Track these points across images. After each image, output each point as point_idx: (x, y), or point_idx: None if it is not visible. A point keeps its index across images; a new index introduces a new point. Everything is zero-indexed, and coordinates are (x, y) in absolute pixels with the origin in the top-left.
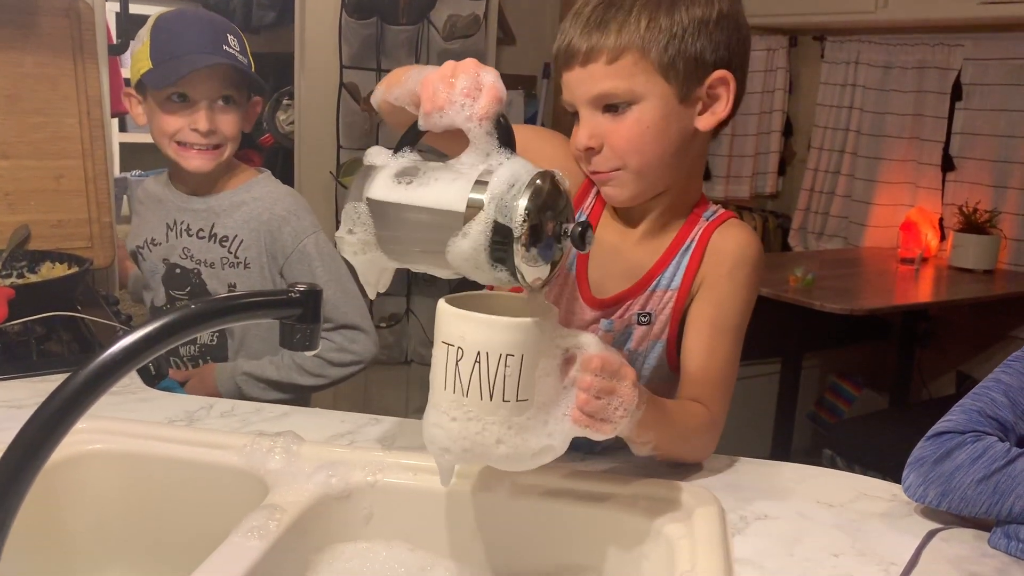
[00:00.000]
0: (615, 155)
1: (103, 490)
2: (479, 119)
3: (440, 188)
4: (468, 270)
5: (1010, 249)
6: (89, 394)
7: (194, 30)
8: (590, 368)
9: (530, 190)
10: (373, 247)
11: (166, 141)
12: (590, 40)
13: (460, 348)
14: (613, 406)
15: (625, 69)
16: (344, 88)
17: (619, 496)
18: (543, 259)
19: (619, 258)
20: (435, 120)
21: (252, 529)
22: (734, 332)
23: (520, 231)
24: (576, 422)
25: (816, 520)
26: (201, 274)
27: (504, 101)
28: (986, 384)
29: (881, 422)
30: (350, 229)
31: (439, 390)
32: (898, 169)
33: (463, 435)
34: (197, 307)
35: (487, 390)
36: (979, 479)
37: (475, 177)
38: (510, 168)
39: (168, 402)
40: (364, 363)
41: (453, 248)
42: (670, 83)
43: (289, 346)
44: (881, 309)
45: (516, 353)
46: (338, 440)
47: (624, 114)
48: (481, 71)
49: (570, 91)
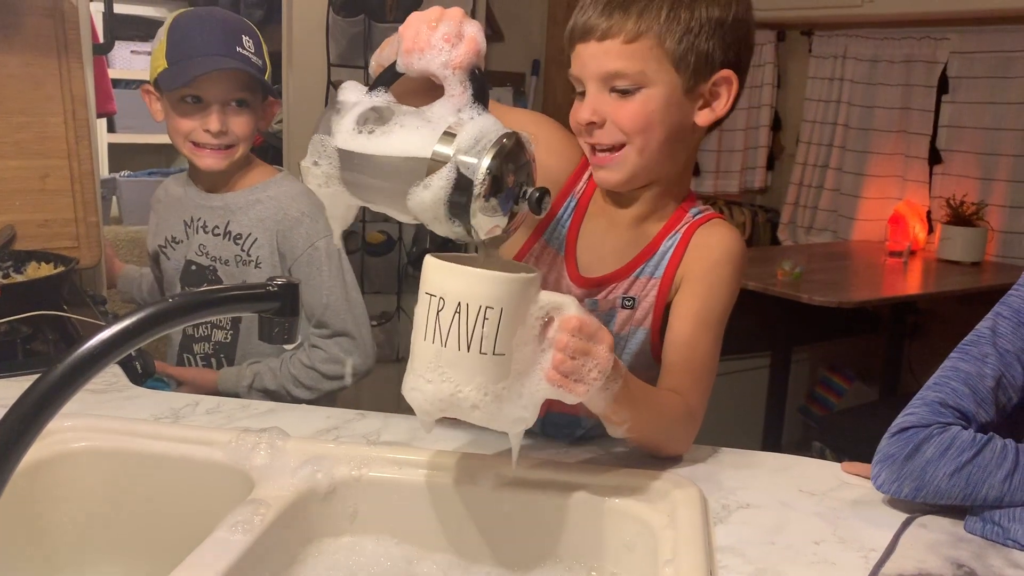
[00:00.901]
0: (618, 130)
1: (89, 487)
2: (454, 67)
3: (406, 135)
4: (427, 220)
5: (997, 241)
6: (65, 389)
7: (209, 31)
8: (568, 328)
9: (495, 148)
10: (336, 181)
11: (181, 140)
12: (611, 18)
13: (442, 298)
14: (588, 367)
15: (640, 52)
16: (332, 86)
17: (602, 487)
18: (501, 212)
19: (608, 241)
20: (413, 61)
21: (237, 524)
22: (716, 327)
23: (480, 189)
24: (550, 381)
25: (797, 508)
26: (217, 271)
27: (482, 54)
28: (944, 373)
29: (871, 414)
30: (315, 161)
31: (419, 340)
32: (886, 163)
33: (438, 396)
34: (174, 301)
35: (465, 341)
36: (951, 472)
37: (443, 128)
38: (479, 124)
39: (154, 399)
40: (358, 376)
41: (414, 197)
42: (679, 74)
43: (268, 339)
44: (870, 302)
45: (496, 306)
46: (323, 435)
47: (631, 96)
48: (465, 21)
49: (581, 65)
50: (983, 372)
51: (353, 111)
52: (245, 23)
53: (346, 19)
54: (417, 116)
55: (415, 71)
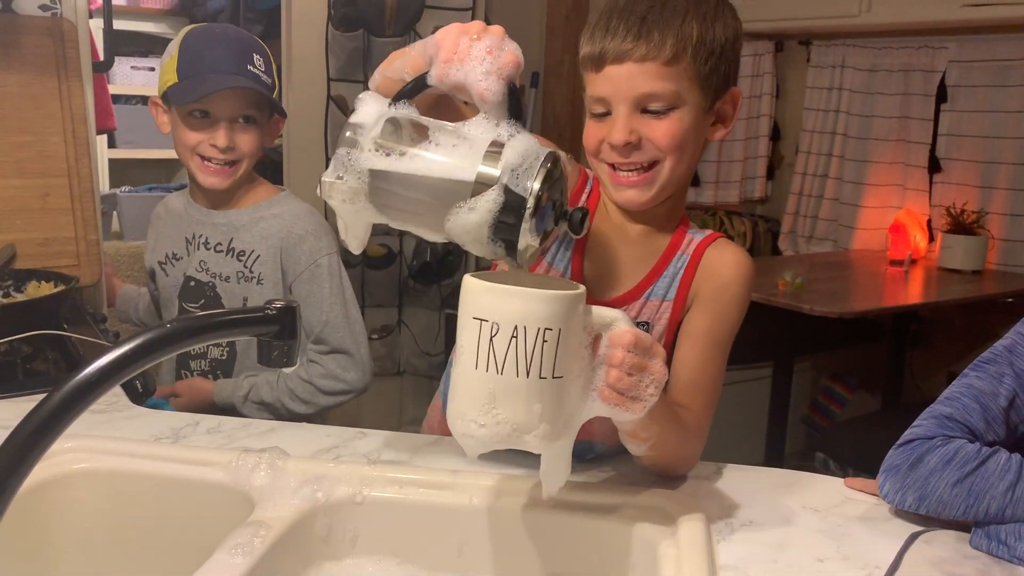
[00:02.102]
0: (655, 148)
1: (89, 508)
2: (497, 75)
3: (445, 154)
4: (465, 241)
5: (998, 249)
6: (66, 414)
7: (221, 49)
8: (622, 344)
9: (544, 170)
10: (362, 197)
11: (188, 153)
12: (649, 41)
13: (495, 323)
14: (644, 383)
15: (676, 73)
16: (332, 101)
17: (604, 505)
18: (538, 231)
19: (615, 259)
20: (450, 72)
21: (237, 546)
22: (724, 346)
23: (530, 211)
24: (606, 400)
25: (800, 525)
26: (216, 287)
27: (521, 68)
28: (957, 388)
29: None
30: (339, 175)
31: (470, 370)
32: (885, 171)
33: (495, 439)
34: (174, 325)
35: (524, 366)
36: (954, 482)
37: (484, 147)
38: (522, 143)
39: (154, 419)
40: (355, 393)
41: (456, 219)
42: (703, 94)
43: (267, 363)
44: (871, 311)
45: (554, 327)
46: (324, 455)
47: (664, 116)
48: (506, 38)
49: (612, 87)
50: (997, 391)
51: (379, 125)
52: (256, 41)
53: (345, 34)
54: (453, 133)
55: (450, 82)
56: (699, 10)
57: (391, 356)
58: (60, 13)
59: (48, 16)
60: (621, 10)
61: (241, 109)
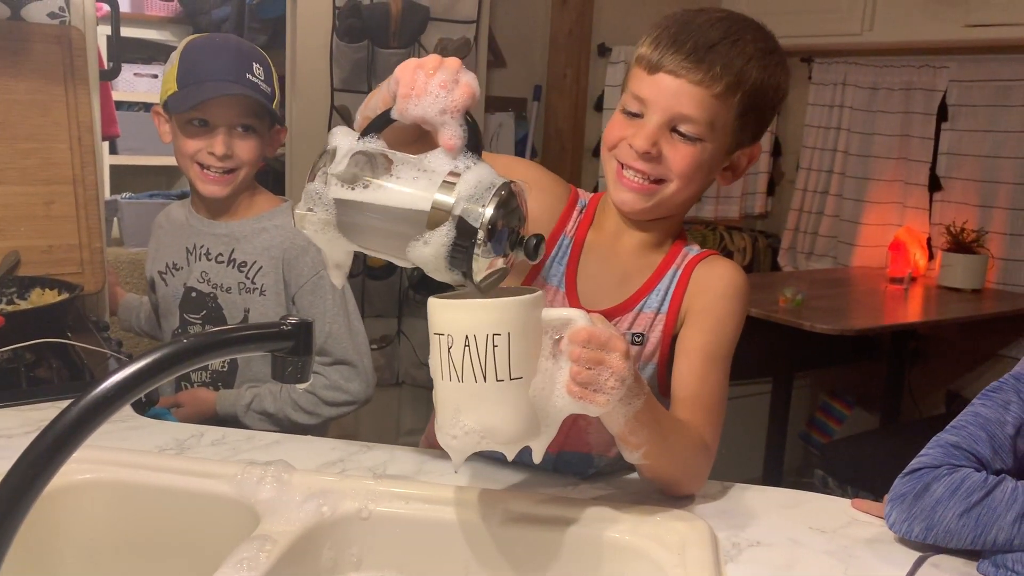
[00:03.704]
0: (668, 168)
1: (93, 520)
2: (451, 111)
3: (404, 185)
4: (428, 269)
5: (998, 268)
6: (80, 431)
7: (220, 57)
8: (578, 340)
9: (496, 199)
10: (332, 228)
11: (187, 162)
12: (710, 70)
13: (450, 335)
14: (604, 376)
15: (720, 108)
16: (335, 111)
17: (612, 523)
18: (495, 255)
19: (609, 270)
20: (408, 107)
21: (242, 560)
22: (723, 361)
23: (482, 239)
24: (571, 394)
25: (808, 546)
26: (217, 298)
27: (476, 99)
28: (965, 417)
29: (872, 442)
30: (310, 208)
31: (438, 381)
32: (886, 189)
33: (469, 446)
34: (190, 341)
35: (480, 371)
36: (960, 512)
37: (441, 178)
38: (477, 173)
39: (159, 430)
40: (358, 403)
41: (413, 251)
42: (732, 137)
43: (281, 379)
44: (871, 329)
45: (502, 331)
46: (329, 468)
47: (690, 142)
48: (461, 70)
49: (656, 92)
50: (1004, 419)
51: (347, 158)
52: (256, 50)
53: (350, 44)
54: (413, 165)
55: (409, 117)
56: (763, 60)
57: (390, 367)
58: (68, 21)
59: (56, 24)
60: (694, 28)
61: (239, 117)
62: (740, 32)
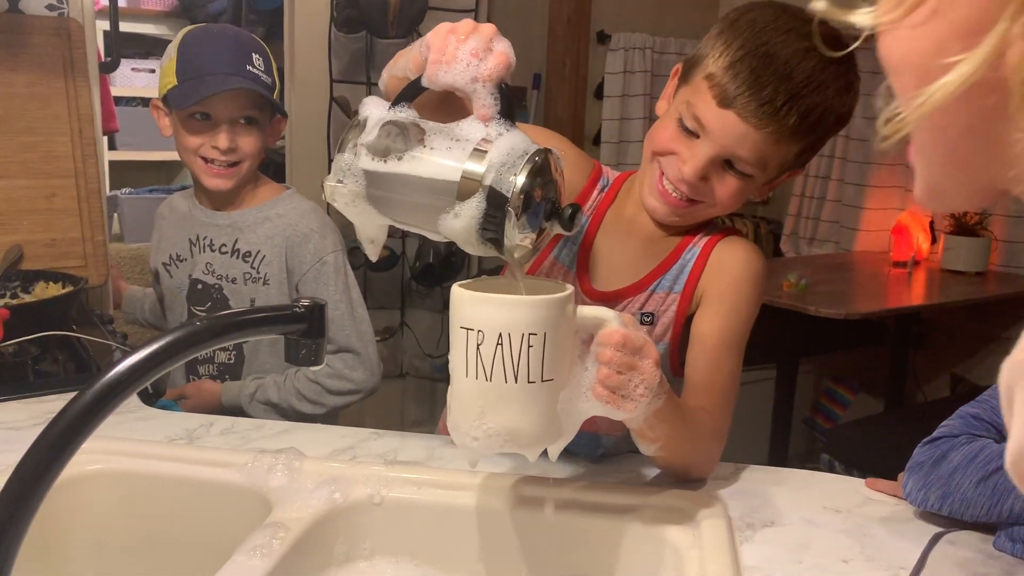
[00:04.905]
0: (709, 193)
1: (104, 510)
2: (483, 80)
3: (436, 155)
4: (460, 241)
5: (1001, 251)
6: (94, 415)
7: (219, 49)
8: (611, 343)
9: (528, 165)
10: (363, 200)
11: (190, 156)
12: (785, 120)
13: (480, 331)
14: (634, 383)
15: (775, 153)
16: (335, 102)
17: (625, 506)
18: (530, 228)
19: (623, 253)
20: (440, 73)
21: (255, 548)
22: (738, 346)
23: (515, 208)
24: (598, 397)
25: (823, 526)
26: (223, 289)
27: (511, 69)
28: (989, 392)
29: (877, 426)
30: (340, 179)
31: (460, 378)
32: (888, 173)
33: (490, 449)
34: (202, 324)
35: (511, 372)
36: (978, 480)
37: (472, 146)
38: (509, 140)
39: (168, 421)
40: (363, 393)
41: (445, 224)
42: (782, 169)
43: (295, 361)
44: (875, 313)
45: (539, 331)
46: (340, 455)
47: (739, 176)
48: (496, 37)
49: (720, 128)
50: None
51: (377, 128)
52: (255, 40)
53: (348, 35)
54: (446, 134)
55: (439, 84)
56: (841, 98)
57: (394, 358)
58: (67, 13)
59: (55, 16)
60: (779, 65)
61: (242, 110)
62: (824, 67)
